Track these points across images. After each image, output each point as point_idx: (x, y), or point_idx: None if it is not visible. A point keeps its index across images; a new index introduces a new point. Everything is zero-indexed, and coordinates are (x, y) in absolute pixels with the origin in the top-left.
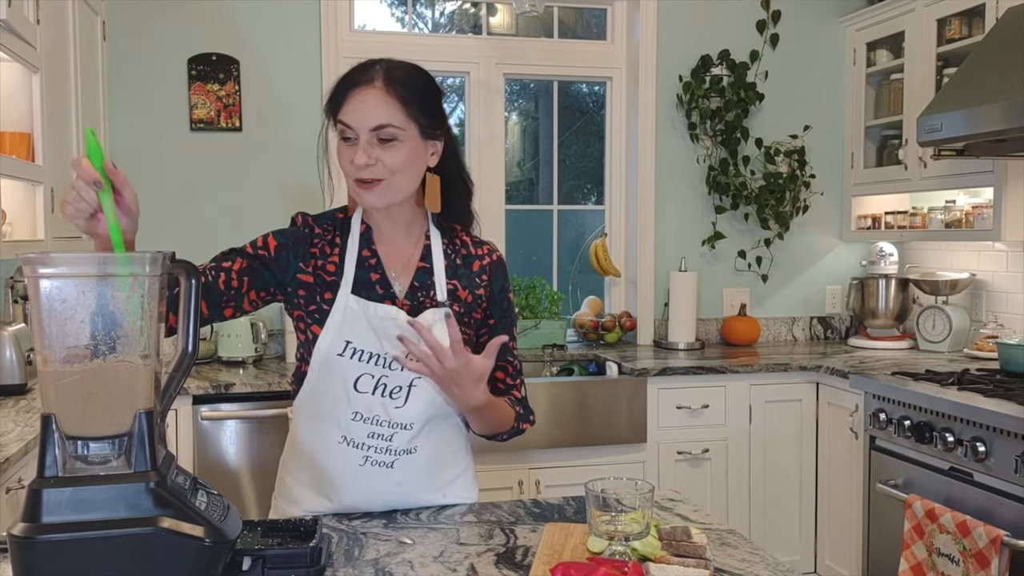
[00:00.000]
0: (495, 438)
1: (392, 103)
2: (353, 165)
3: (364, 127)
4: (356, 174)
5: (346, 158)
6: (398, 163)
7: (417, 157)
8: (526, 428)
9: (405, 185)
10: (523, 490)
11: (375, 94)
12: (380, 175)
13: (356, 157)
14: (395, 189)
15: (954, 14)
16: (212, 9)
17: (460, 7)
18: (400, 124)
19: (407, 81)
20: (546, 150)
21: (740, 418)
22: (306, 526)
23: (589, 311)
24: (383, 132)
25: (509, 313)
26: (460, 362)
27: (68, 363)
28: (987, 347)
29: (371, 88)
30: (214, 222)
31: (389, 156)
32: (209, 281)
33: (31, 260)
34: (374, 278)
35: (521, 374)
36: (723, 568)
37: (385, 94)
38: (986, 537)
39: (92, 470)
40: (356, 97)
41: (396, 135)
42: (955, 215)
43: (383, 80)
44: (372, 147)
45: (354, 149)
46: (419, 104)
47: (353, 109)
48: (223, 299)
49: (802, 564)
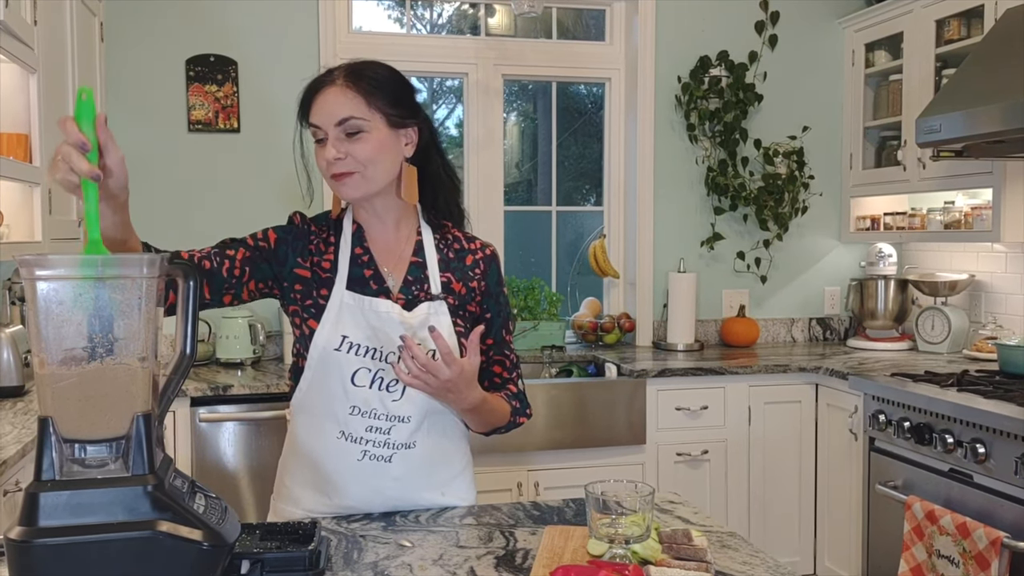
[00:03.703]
0: (493, 433)
1: (352, 95)
2: (325, 161)
3: (329, 123)
4: (329, 169)
5: (320, 157)
6: (367, 154)
7: (387, 148)
8: (523, 422)
9: (379, 176)
10: (522, 492)
11: (336, 90)
12: (352, 168)
13: (326, 152)
14: (369, 180)
15: (953, 15)
16: (210, 10)
17: (458, 8)
18: (364, 115)
19: (368, 75)
20: (545, 151)
21: (739, 419)
22: (305, 529)
23: (588, 312)
24: (348, 125)
25: (504, 307)
26: (454, 372)
27: (65, 365)
28: (986, 348)
29: (332, 86)
30: (212, 223)
31: (358, 148)
32: (214, 267)
33: (28, 262)
34: (367, 274)
35: (518, 368)
36: (724, 571)
37: (346, 88)
38: (986, 539)
39: (89, 473)
40: (319, 98)
41: (361, 127)
42: (954, 216)
43: (343, 77)
44: (341, 142)
45: (325, 148)
46: (383, 95)
47: (319, 109)
48: (224, 286)
49: (801, 566)
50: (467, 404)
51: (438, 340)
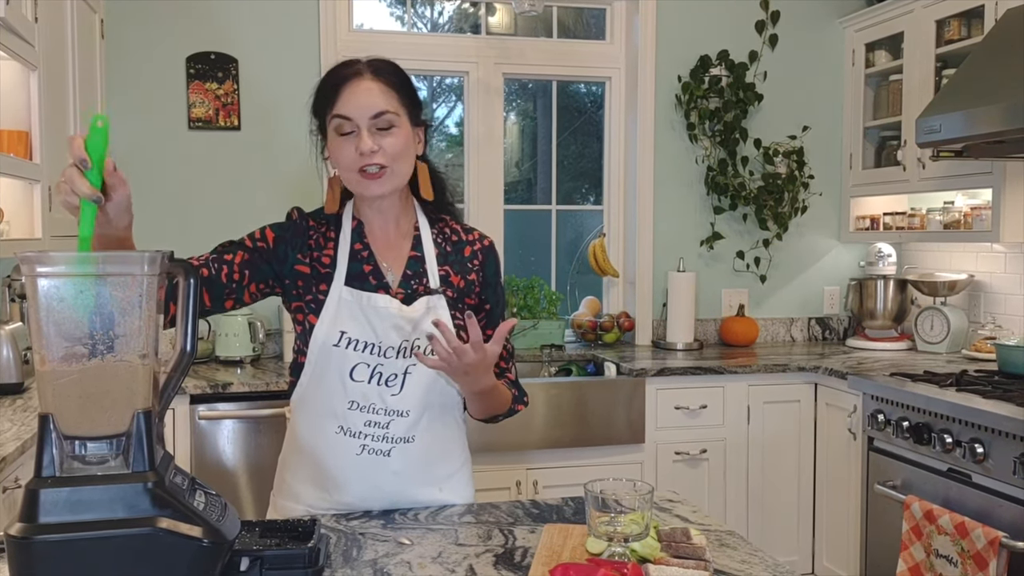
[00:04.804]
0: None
1: (386, 90)
2: (359, 153)
3: (364, 116)
4: (360, 163)
5: (347, 151)
6: (398, 149)
7: (410, 143)
8: (520, 409)
9: (404, 172)
10: (521, 490)
11: (368, 84)
12: (384, 162)
13: (361, 144)
14: (396, 176)
15: (953, 15)
16: (211, 8)
17: (459, 7)
18: (395, 110)
19: (392, 71)
20: (544, 150)
21: (738, 419)
22: (304, 526)
23: (587, 311)
24: (382, 120)
25: (502, 298)
26: (478, 356)
27: (66, 362)
28: (985, 348)
29: (363, 79)
30: (212, 221)
31: (389, 143)
32: (212, 274)
33: (29, 259)
34: (367, 270)
35: (513, 357)
36: (722, 569)
37: (377, 82)
38: (984, 538)
39: (90, 470)
40: (350, 89)
41: (393, 121)
42: (953, 216)
43: (371, 71)
44: (373, 135)
45: (353, 142)
46: (407, 92)
47: (349, 100)
48: (225, 291)
49: (800, 565)
50: (479, 387)
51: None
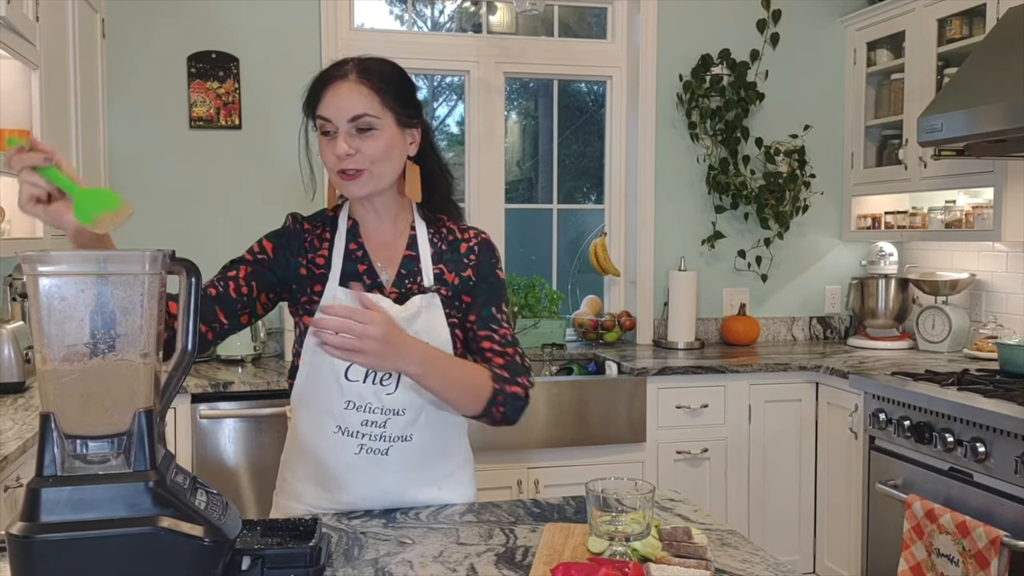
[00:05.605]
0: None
1: (367, 93)
2: (335, 156)
3: (342, 118)
4: (338, 165)
5: (328, 152)
6: (378, 152)
7: (395, 146)
8: (517, 391)
9: (386, 174)
10: (522, 490)
11: (349, 86)
12: (361, 165)
13: (337, 147)
14: (376, 178)
15: (955, 14)
16: (212, 7)
17: (460, 5)
18: (376, 113)
19: (380, 72)
20: (546, 149)
21: (739, 418)
22: (305, 526)
23: (588, 310)
24: (360, 122)
25: (496, 288)
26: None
27: (67, 362)
28: (987, 347)
29: (345, 81)
30: (213, 220)
31: (368, 146)
32: (221, 292)
33: (30, 258)
34: (361, 269)
35: (512, 345)
36: (724, 569)
37: (359, 85)
38: (985, 538)
39: (91, 469)
40: (331, 91)
41: (373, 124)
42: (955, 215)
43: (356, 72)
44: (352, 137)
45: (334, 142)
46: (394, 94)
47: (330, 102)
48: (237, 306)
49: (801, 564)
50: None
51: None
